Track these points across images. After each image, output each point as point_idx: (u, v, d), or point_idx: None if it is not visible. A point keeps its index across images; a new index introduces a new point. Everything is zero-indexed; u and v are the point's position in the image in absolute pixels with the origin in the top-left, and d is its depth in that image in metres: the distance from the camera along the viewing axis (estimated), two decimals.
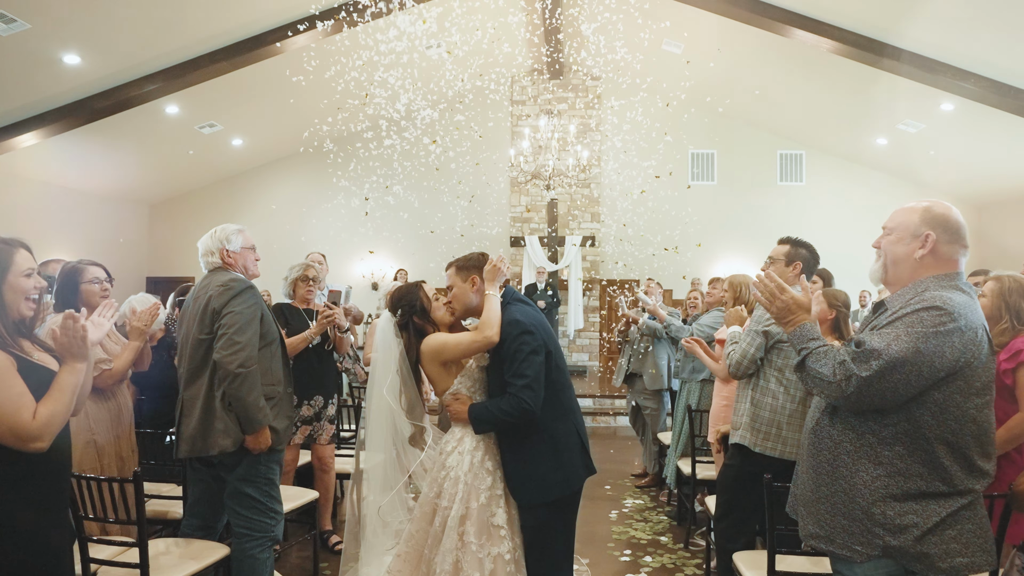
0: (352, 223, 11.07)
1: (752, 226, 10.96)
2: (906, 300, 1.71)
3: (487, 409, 2.36)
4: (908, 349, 1.59)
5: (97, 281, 2.83)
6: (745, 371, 2.81)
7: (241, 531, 2.55)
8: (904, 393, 1.61)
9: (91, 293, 2.80)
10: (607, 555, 3.95)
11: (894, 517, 1.63)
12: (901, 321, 1.65)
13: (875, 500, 1.65)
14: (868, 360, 1.61)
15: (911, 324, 1.62)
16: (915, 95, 8.38)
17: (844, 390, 1.62)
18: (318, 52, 8.05)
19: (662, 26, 8.04)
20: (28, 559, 1.62)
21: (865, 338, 1.67)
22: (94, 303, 2.77)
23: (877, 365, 1.59)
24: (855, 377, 1.61)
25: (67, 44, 7.29)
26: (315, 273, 3.84)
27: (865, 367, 1.60)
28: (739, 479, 2.81)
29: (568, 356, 11.07)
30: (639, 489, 5.35)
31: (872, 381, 1.60)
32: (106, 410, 2.80)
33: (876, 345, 1.62)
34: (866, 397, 1.62)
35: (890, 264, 1.80)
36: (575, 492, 2.44)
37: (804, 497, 1.82)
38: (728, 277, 3.81)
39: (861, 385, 1.60)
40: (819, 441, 1.78)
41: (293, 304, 3.81)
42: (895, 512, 1.63)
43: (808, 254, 2.93)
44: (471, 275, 2.47)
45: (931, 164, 10.29)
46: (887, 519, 1.63)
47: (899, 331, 1.62)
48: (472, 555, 2.27)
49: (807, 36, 7.74)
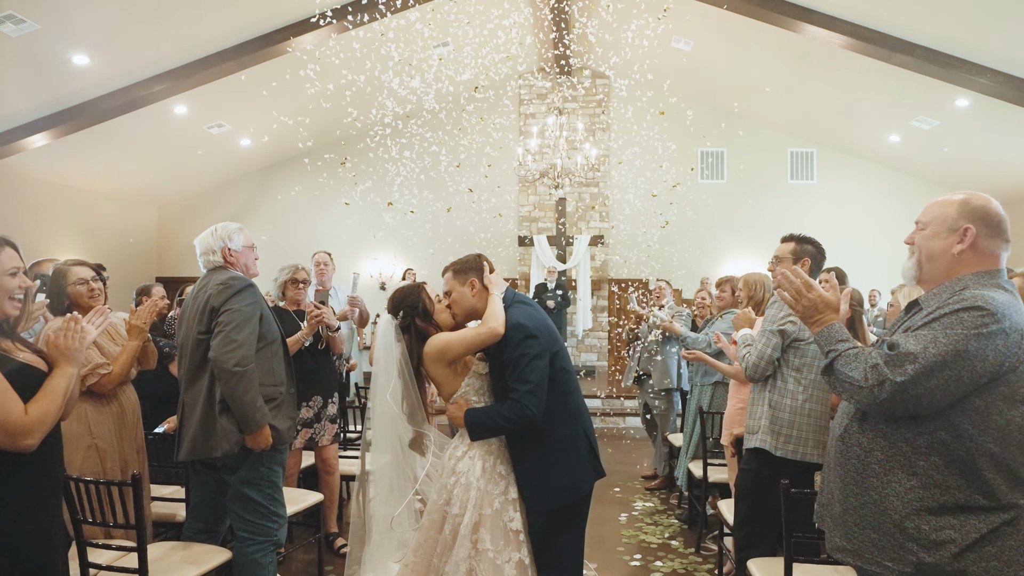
0: (360, 223, 11.04)
1: (762, 225, 10.84)
2: (943, 299, 1.60)
3: (486, 415, 2.29)
4: (947, 352, 1.49)
5: (82, 282, 2.75)
6: (763, 372, 2.73)
7: (243, 535, 2.51)
8: (942, 400, 1.51)
9: (78, 295, 2.73)
10: (617, 559, 3.88)
11: (929, 532, 1.52)
12: (939, 322, 1.53)
13: (908, 513, 1.54)
14: (903, 364, 1.51)
15: (950, 325, 1.51)
16: (929, 91, 8.24)
17: (876, 396, 1.52)
18: (327, 51, 8.02)
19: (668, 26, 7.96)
20: (19, 565, 1.58)
21: (900, 340, 1.56)
22: (84, 304, 2.73)
23: (913, 369, 1.49)
24: (888, 382, 1.50)
25: (76, 45, 7.30)
26: (305, 275, 3.80)
27: (900, 371, 1.50)
28: (758, 484, 2.72)
29: (577, 356, 11.00)
30: (649, 491, 5.28)
31: (907, 386, 1.49)
32: (107, 414, 2.74)
33: (912, 348, 1.52)
34: (900, 403, 1.52)
35: (925, 261, 1.68)
36: (585, 496, 2.38)
37: (831, 508, 1.72)
38: (742, 276, 3.71)
39: (895, 391, 1.50)
40: (847, 449, 1.67)
41: (283, 307, 3.77)
42: (930, 527, 1.52)
43: (815, 250, 2.85)
44: (469, 278, 2.41)
45: (945, 162, 10.13)
46: (921, 534, 1.52)
47: (936, 333, 1.52)
48: (489, 562, 2.21)
49: (818, 31, 7.63)
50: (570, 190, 10.69)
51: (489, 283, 2.39)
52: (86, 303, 2.74)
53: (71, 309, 2.71)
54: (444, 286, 2.48)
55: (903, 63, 7.63)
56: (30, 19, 6.67)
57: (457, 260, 2.47)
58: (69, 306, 2.73)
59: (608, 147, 11.04)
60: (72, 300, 2.73)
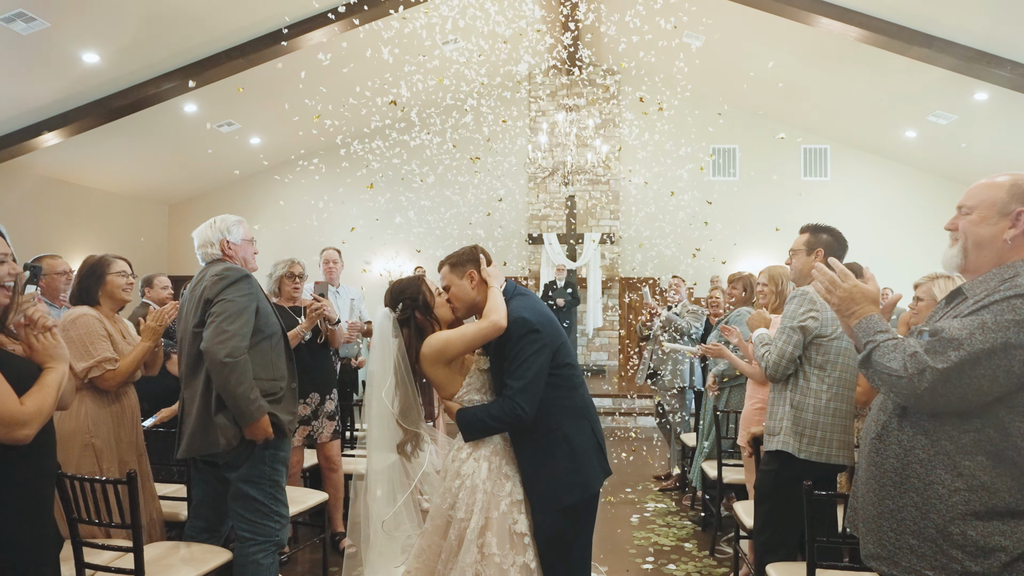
0: (370, 222, 11.00)
1: (775, 223, 10.68)
2: (992, 287, 1.47)
3: (476, 415, 2.20)
4: (995, 340, 1.36)
5: (123, 275, 2.85)
6: (784, 372, 2.61)
7: (244, 535, 2.43)
8: (989, 392, 1.38)
9: (116, 286, 2.81)
10: (628, 562, 3.78)
11: (977, 538, 1.39)
12: (988, 310, 1.41)
13: (953, 517, 1.41)
14: (946, 351, 1.39)
15: (1000, 312, 1.38)
16: (946, 84, 8.07)
17: (916, 386, 1.41)
18: (336, 49, 7.98)
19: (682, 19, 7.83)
20: (7, 565, 1.52)
21: (943, 326, 1.44)
22: (117, 296, 2.82)
23: (956, 357, 1.37)
24: (929, 370, 1.39)
25: (86, 42, 7.30)
26: (300, 270, 3.71)
27: (941, 358, 1.38)
28: (779, 486, 2.59)
29: (587, 355, 10.90)
30: (662, 492, 5.18)
31: (950, 375, 1.38)
32: (107, 413, 2.67)
33: (956, 333, 1.39)
34: (942, 395, 1.40)
35: (971, 248, 1.54)
36: (594, 495, 2.29)
37: (864, 512, 1.59)
38: (766, 269, 3.59)
39: (936, 379, 1.38)
40: (885, 448, 1.54)
41: (279, 302, 3.67)
42: (978, 532, 1.39)
43: (831, 238, 2.71)
44: (467, 270, 2.31)
45: (963, 157, 9.93)
46: (968, 540, 1.39)
47: (985, 319, 1.39)
48: (495, 566, 2.12)
49: (832, 24, 7.48)
50: (580, 187, 10.59)
51: (488, 276, 2.30)
52: (120, 296, 2.82)
53: (101, 299, 2.79)
54: (442, 281, 2.38)
55: (920, 56, 7.46)
56: (40, 17, 6.68)
57: (453, 253, 2.37)
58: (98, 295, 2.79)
59: (618, 144, 10.93)
60: (109, 289, 2.79)
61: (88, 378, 2.59)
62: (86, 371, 2.57)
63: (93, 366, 2.58)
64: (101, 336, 2.64)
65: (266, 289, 3.71)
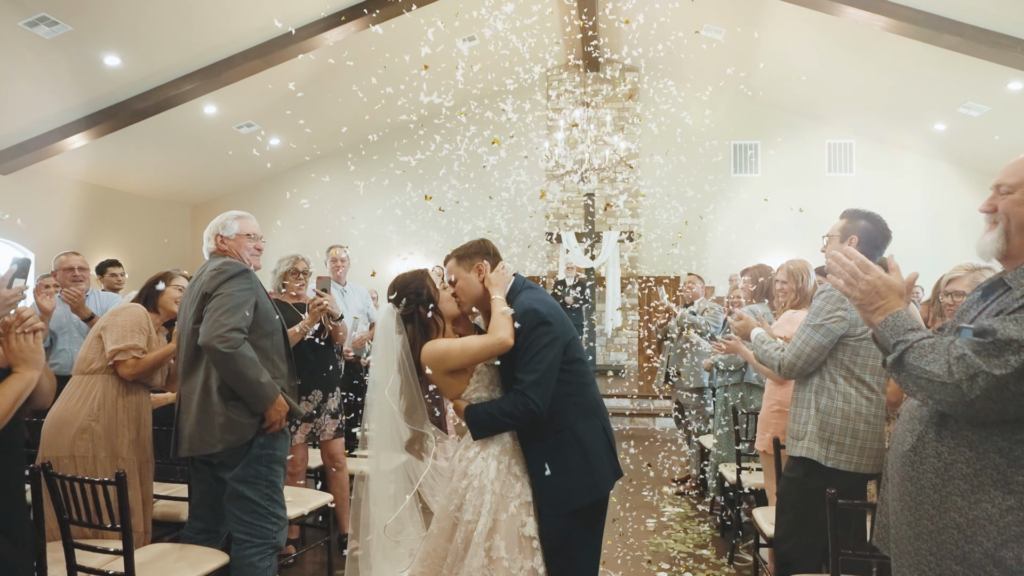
0: (391, 222, 10.99)
1: (799, 221, 10.42)
2: None
3: (486, 412, 2.11)
4: None
5: (180, 290, 2.95)
6: (800, 373, 2.45)
7: (240, 537, 2.37)
8: None
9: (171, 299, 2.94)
10: (643, 569, 3.65)
11: None
12: None
13: (1005, 540, 1.26)
14: (1002, 354, 1.23)
15: None
16: (978, 74, 7.76)
17: (966, 393, 1.24)
18: (353, 48, 7.98)
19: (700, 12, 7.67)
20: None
21: (994, 325, 1.27)
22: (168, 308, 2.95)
23: (1017, 361, 1.21)
24: (983, 376, 1.22)
25: (107, 45, 7.39)
26: (305, 266, 3.68)
27: (999, 363, 1.22)
28: (804, 495, 2.42)
29: (606, 355, 10.75)
30: (679, 496, 5.04)
31: (1008, 382, 1.21)
32: (120, 403, 2.67)
33: (1014, 334, 1.23)
34: (996, 403, 1.23)
35: (1015, 231, 1.37)
36: (605, 497, 2.19)
37: (898, 532, 1.43)
38: (784, 264, 3.43)
39: (992, 387, 1.22)
40: (921, 462, 1.38)
41: (282, 299, 3.65)
42: None
43: (868, 225, 2.52)
44: (475, 263, 2.22)
45: (996, 150, 9.57)
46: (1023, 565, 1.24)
47: None
48: (503, 571, 2.03)
49: (858, 13, 7.23)
50: (598, 185, 10.45)
51: (490, 284, 2.20)
52: (171, 308, 2.94)
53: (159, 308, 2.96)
54: (448, 274, 2.30)
55: (950, 44, 7.18)
56: (63, 21, 6.78)
57: (460, 246, 2.28)
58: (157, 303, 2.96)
59: (637, 141, 10.77)
60: (163, 299, 2.95)
61: (113, 360, 2.68)
62: (114, 352, 2.67)
63: (122, 349, 2.68)
64: (142, 329, 2.77)
65: (271, 285, 3.68)
